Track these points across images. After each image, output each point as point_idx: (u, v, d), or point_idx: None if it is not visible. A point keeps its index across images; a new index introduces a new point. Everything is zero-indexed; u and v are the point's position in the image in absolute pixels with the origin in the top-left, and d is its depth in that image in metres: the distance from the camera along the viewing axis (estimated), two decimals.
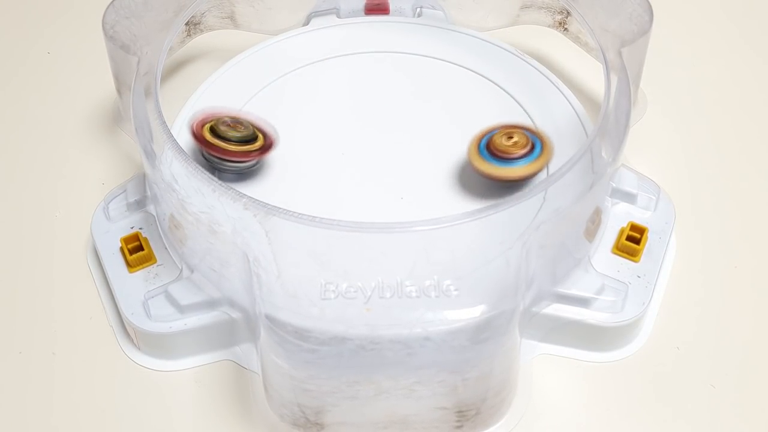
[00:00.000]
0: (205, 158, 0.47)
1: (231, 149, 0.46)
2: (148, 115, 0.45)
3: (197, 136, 0.46)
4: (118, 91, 0.51)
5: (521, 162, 0.45)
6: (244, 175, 0.48)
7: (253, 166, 0.48)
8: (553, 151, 0.45)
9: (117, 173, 0.52)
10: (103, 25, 0.48)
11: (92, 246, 0.48)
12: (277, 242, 0.40)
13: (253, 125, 0.47)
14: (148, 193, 0.48)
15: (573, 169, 0.42)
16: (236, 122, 0.46)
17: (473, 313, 0.39)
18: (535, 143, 0.45)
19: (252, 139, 0.46)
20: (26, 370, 0.45)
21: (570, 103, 0.51)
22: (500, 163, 0.45)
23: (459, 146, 0.49)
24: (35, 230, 0.50)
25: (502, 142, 0.45)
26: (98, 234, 0.47)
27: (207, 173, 0.41)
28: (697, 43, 0.60)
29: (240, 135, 0.46)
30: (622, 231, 0.47)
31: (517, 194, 0.40)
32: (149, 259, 0.46)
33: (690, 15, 0.62)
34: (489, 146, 0.45)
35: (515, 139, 0.45)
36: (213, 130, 0.46)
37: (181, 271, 0.45)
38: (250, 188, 0.42)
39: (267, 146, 0.47)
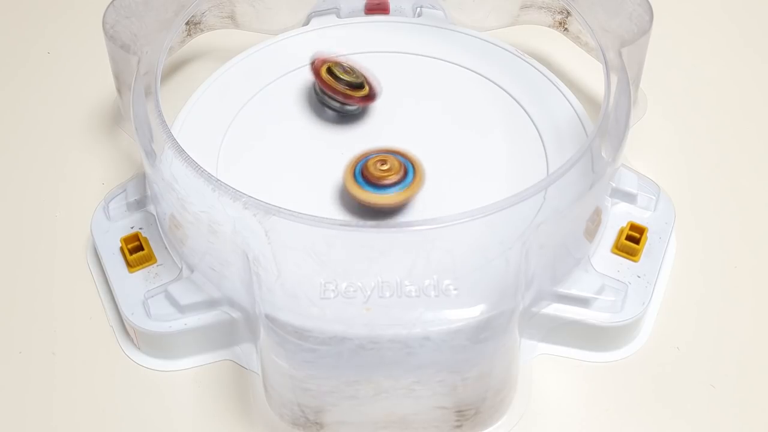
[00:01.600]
0: (316, 92, 0.51)
1: (338, 89, 0.50)
2: (148, 115, 0.45)
3: (315, 70, 0.50)
4: (119, 90, 0.51)
5: (393, 189, 0.45)
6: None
7: (355, 111, 0.51)
8: (425, 176, 0.46)
9: (117, 173, 0.52)
10: (103, 25, 0.49)
11: (92, 246, 0.48)
12: (277, 242, 0.40)
13: (364, 77, 0.51)
14: (148, 192, 0.48)
15: (573, 169, 0.42)
16: (351, 69, 0.50)
17: (473, 312, 0.39)
18: (407, 169, 0.46)
19: (359, 87, 0.50)
20: (26, 370, 0.45)
21: (570, 103, 0.51)
22: (374, 190, 0.45)
23: (459, 146, 0.49)
24: (35, 230, 0.50)
25: (376, 168, 0.46)
26: (98, 234, 0.47)
27: (207, 172, 0.42)
28: (697, 43, 0.60)
29: (350, 80, 0.50)
30: (621, 231, 0.47)
31: (517, 194, 0.40)
32: (149, 259, 0.46)
33: (690, 15, 0.62)
34: (363, 172, 0.46)
35: (388, 165, 0.46)
36: (330, 70, 0.50)
37: (181, 270, 0.45)
38: (249, 187, 0.42)
39: (369, 96, 0.50)
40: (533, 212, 0.42)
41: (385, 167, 0.46)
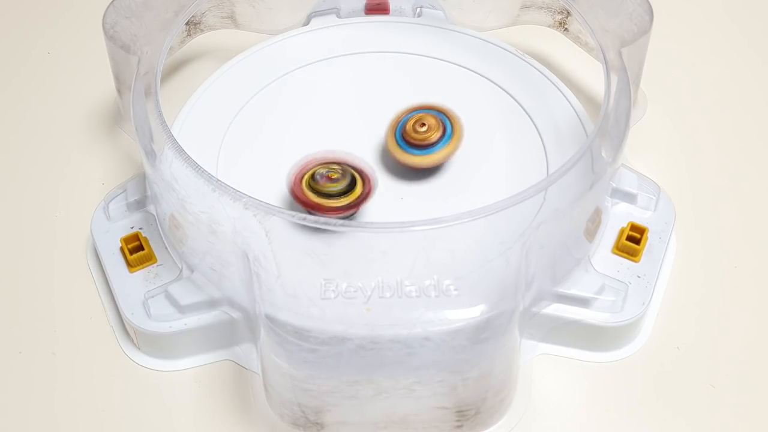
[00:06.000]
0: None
1: (336, 205, 0.44)
2: (148, 115, 0.45)
3: (299, 197, 0.44)
4: (119, 91, 0.51)
5: (436, 148, 0.47)
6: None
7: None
8: (463, 129, 0.47)
9: (117, 173, 0.52)
10: (103, 25, 0.49)
11: (92, 246, 0.48)
12: (277, 242, 0.40)
13: (349, 168, 0.45)
14: (148, 192, 0.48)
15: (573, 169, 0.42)
16: (330, 170, 0.44)
17: (473, 313, 0.39)
18: (445, 124, 0.47)
19: (352, 184, 0.44)
20: (26, 370, 0.45)
21: (570, 103, 0.51)
22: (418, 152, 0.46)
23: (459, 146, 0.49)
24: (35, 230, 0.50)
25: (415, 129, 0.46)
26: (98, 234, 0.47)
27: (207, 172, 0.42)
28: (697, 43, 0.60)
29: (339, 185, 0.44)
30: (622, 231, 0.47)
31: (517, 194, 0.40)
32: (149, 259, 0.46)
33: (690, 15, 0.62)
34: (404, 136, 0.47)
35: (427, 126, 0.46)
36: (310, 184, 0.44)
37: (181, 270, 0.45)
38: (249, 187, 0.42)
39: (363, 196, 0.44)
40: (533, 212, 0.42)
41: (424, 128, 0.46)
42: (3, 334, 0.46)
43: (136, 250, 0.46)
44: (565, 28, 0.54)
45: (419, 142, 0.46)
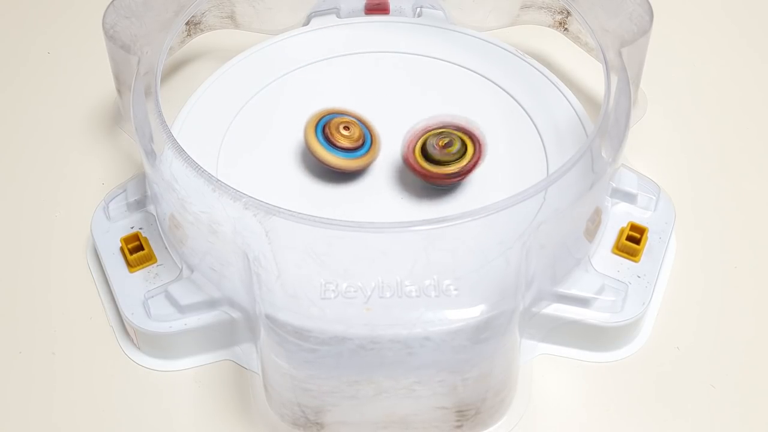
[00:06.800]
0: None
1: (451, 171, 0.46)
2: (148, 115, 0.45)
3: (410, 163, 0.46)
4: (119, 91, 0.51)
5: (350, 155, 0.47)
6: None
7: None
8: (380, 149, 0.48)
9: (117, 173, 0.52)
10: (103, 25, 0.49)
11: (92, 246, 0.48)
12: (277, 242, 0.40)
13: (458, 131, 0.46)
14: (148, 192, 0.48)
15: (573, 169, 0.42)
16: (440, 136, 0.46)
17: (473, 313, 0.39)
18: (366, 139, 0.47)
19: (463, 147, 0.46)
20: (26, 370, 0.45)
21: (570, 103, 0.51)
22: (332, 151, 0.47)
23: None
24: (35, 230, 0.50)
25: (339, 132, 0.47)
26: (98, 234, 0.47)
27: (207, 172, 0.42)
28: (697, 43, 0.60)
29: (453, 149, 0.46)
30: (622, 231, 0.47)
31: (517, 194, 0.40)
32: (149, 259, 0.46)
33: (690, 15, 0.62)
34: (324, 131, 0.47)
35: (350, 132, 0.47)
36: (425, 154, 0.46)
37: (181, 270, 0.45)
38: (249, 187, 0.42)
39: (475, 157, 0.46)
40: (533, 212, 0.42)
41: (347, 132, 0.47)
42: (3, 334, 0.46)
43: (136, 250, 0.46)
44: (565, 28, 0.54)
45: (342, 144, 0.47)
